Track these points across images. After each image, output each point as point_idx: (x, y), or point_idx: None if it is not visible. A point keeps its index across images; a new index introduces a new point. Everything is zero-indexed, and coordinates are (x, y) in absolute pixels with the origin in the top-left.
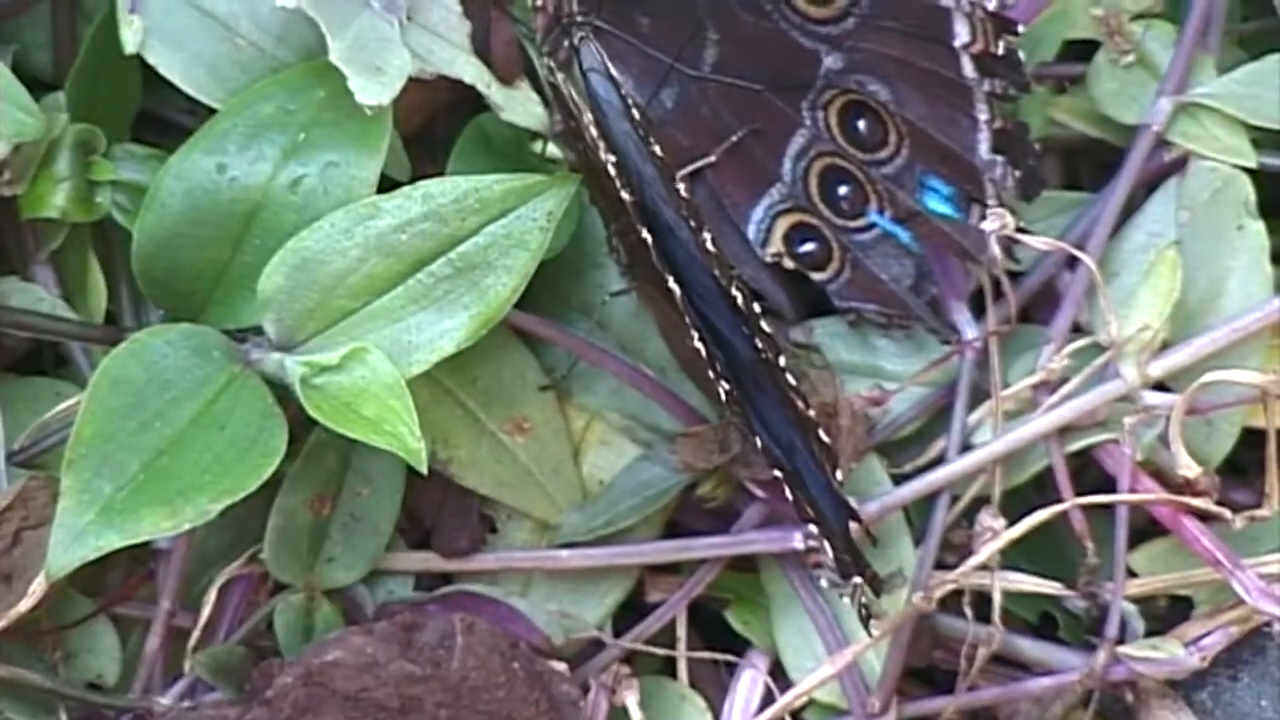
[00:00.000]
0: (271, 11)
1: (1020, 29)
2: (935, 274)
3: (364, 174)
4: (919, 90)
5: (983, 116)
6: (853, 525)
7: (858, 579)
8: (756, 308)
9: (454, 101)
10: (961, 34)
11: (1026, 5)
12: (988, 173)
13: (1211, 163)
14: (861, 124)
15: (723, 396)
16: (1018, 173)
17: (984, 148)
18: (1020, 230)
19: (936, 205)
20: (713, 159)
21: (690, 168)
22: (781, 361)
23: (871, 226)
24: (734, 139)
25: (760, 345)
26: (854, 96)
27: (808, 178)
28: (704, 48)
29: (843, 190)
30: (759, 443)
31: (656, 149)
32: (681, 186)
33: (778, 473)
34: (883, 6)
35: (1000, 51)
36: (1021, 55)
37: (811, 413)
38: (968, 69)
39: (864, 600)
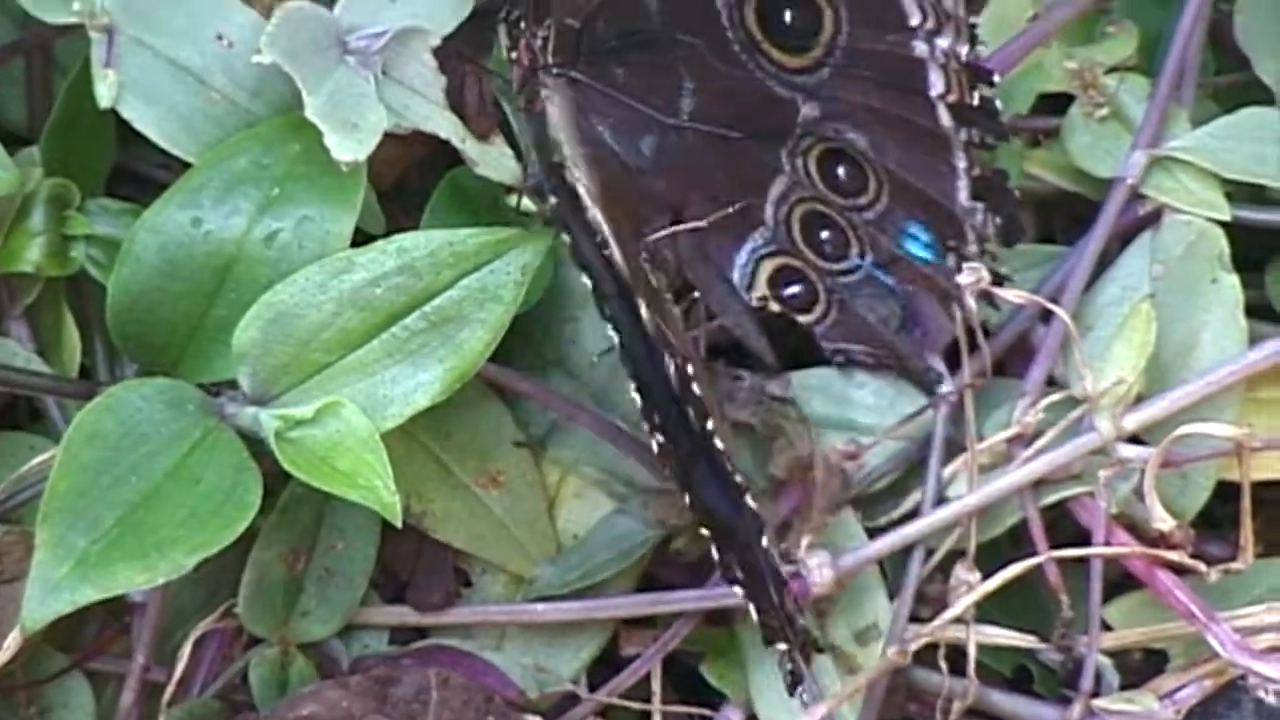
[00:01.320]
0: (246, 66)
1: (995, 79)
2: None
3: (338, 228)
4: (897, 138)
5: (961, 164)
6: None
7: (785, 646)
8: (694, 383)
9: (429, 156)
10: (936, 84)
11: (1000, 58)
12: (968, 219)
13: (1186, 216)
14: (841, 170)
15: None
16: (998, 219)
17: (963, 195)
18: (999, 279)
19: (917, 250)
20: (704, 224)
21: (678, 228)
22: (710, 428)
23: (856, 269)
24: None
25: (693, 415)
26: (832, 144)
27: (790, 222)
28: (681, 97)
29: (825, 234)
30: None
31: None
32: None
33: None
34: (857, 57)
35: (976, 102)
36: (998, 104)
37: (738, 478)
38: (944, 118)
39: (790, 668)
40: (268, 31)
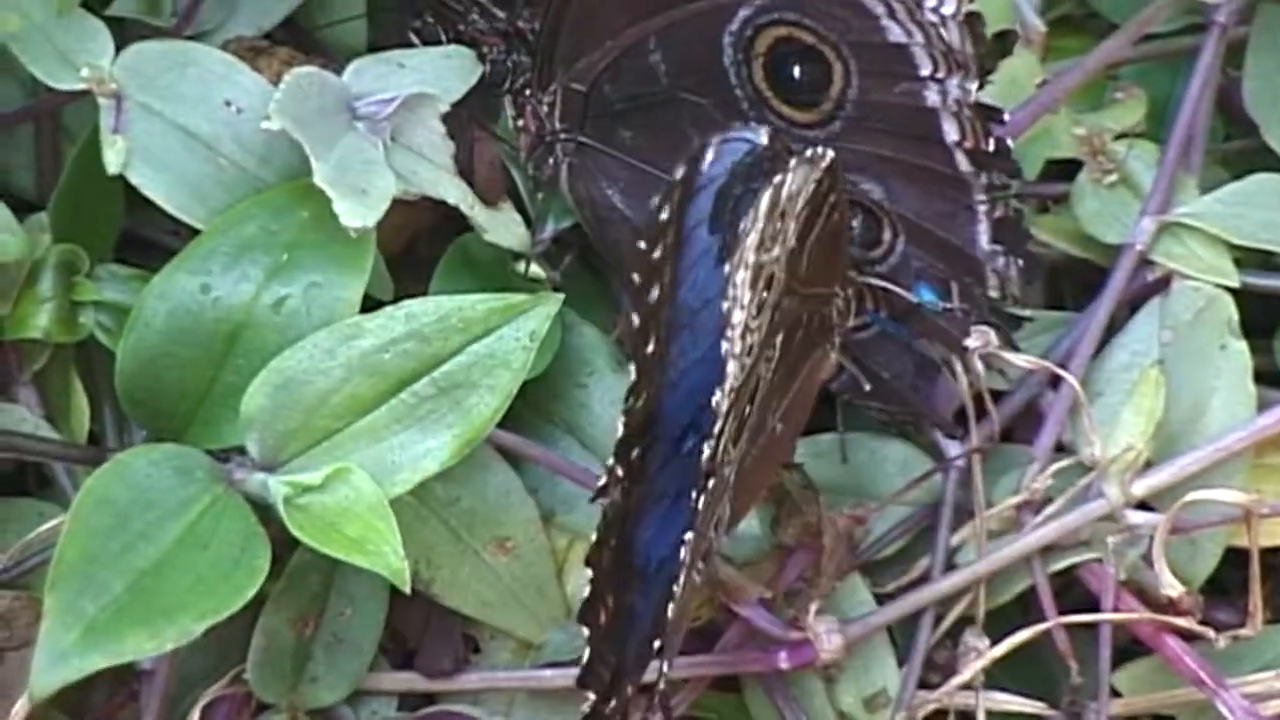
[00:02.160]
0: (255, 132)
1: (1005, 117)
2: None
3: (347, 294)
4: (914, 186)
5: (982, 208)
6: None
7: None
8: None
9: (437, 222)
10: (951, 132)
11: (1010, 124)
12: (989, 264)
13: (1194, 282)
14: (856, 223)
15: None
16: (1019, 261)
17: (984, 239)
18: (1020, 321)
19: (934, 298)
20: None
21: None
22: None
23: (869, 325)
24: None
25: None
26: (848, 196)
27: None
28: None
29: None
30: None
31: None
32: None
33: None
34: (869, 110)
35: (991, 146)
36: (1010, 142)
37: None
38: (963, 163)
39: None
40: (276, 98)
